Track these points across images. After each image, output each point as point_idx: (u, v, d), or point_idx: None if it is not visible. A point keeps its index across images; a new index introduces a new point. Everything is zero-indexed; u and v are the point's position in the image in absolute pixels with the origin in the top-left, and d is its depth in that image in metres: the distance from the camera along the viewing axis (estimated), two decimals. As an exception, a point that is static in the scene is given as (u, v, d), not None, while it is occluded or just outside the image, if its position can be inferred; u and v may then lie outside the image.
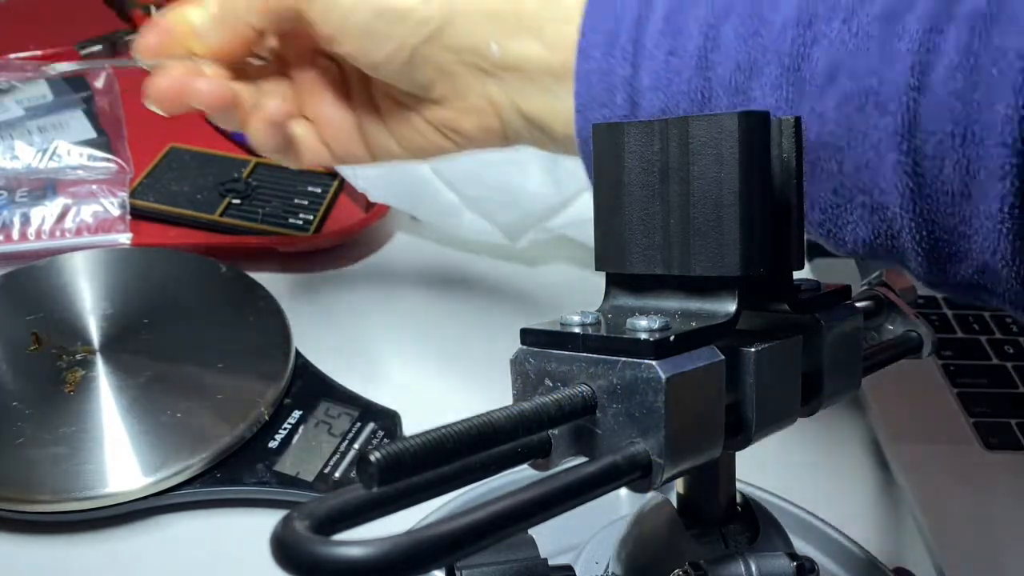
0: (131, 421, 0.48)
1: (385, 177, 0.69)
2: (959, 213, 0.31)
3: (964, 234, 0.31)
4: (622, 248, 0.28)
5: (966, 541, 0.48)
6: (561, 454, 0.25)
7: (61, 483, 0.45)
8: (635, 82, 0.35)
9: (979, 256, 0.31)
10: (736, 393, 0.27)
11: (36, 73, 0.78)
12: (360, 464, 0.19)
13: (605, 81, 0.36)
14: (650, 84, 0.35)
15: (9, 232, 0.63)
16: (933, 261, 0.33)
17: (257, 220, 0.67)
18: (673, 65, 0.35)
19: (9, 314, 0.55)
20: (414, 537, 0.17)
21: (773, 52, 0.33)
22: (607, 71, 0.36)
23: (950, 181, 0.30)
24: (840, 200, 0.34)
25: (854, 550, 0.43)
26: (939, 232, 0.32)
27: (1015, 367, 0.59)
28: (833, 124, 0.33)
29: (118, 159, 0.70)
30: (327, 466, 0.48)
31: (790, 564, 0.28)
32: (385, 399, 0.53)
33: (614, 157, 0.28)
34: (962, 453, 0.53)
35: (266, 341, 0.54)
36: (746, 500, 0.32)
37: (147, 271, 0.59)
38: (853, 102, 0.32)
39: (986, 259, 0.31)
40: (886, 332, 0.37)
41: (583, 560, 0.36)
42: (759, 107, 0.33)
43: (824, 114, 0.33)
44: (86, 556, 0.45)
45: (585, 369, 0.25)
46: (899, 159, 0.31)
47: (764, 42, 0.33)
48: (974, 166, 0.29)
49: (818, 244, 0.37)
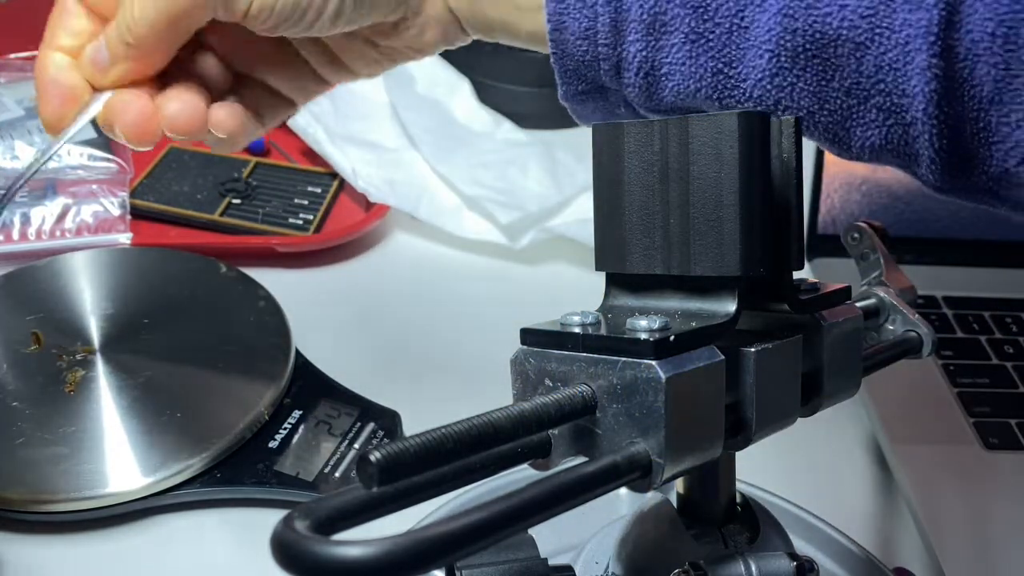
0: (131, 421, 0.48)
1: (385, 177, 0.70)
2: (985, 119, 0.29)
3: (987, 141, 0.29)
4: (622, 248, 0.28)
5: (966, 541, 0.48)
6: (561, 454, 0.25)
7: (61, 483, 0.45)
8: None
9: (1000, 163, 0.29)
10: (736, 393, 0.27)
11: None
12: (360, 464, 0.19)
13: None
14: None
15: (9, 232, 0.63)
16: (948, 168, 0.31)
17: (257, 220, 0.67)
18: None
19: (9, 314, 0.55)
20: (414, 537, 0.17)
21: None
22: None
23: (981, 84, 0.28)
24: (853, 102, 0.31)
25: (854, 550, 0.43)
26: (961, 139, 0.30)
27: (1015, 367, 0.59)
28: (856, 16, 0.30)
29: (118, 159, 0.70)
30: (327, 466, 0.48)
31: (790, 564, 0.28)
32: (385, 399, 0.53)
33: (614, 157, 0.28)
34: (962, 453, 0.53)
35: (266, 341, 0.54)
36: (746, 500, 0.32)
37: (147, 271, 0.59)
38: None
39: (1008, 166, 0.29)
40: (886, 332, 0.37)
41: (583, 560, 0.36)
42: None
43: (846, 4, 0.30)
44: (86, 556, 0.45)
45: (585, 369, 0.25)
46: (929, 60, 0.29)
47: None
48: (1013, 70, 0.28)
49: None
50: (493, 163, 0.72)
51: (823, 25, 0.30)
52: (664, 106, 0.33)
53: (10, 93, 0.75)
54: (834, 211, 0.67)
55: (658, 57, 0.32)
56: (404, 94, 0.77)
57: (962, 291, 0.65)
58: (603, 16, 0.32)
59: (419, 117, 0.75)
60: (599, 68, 0.33)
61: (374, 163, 0.70)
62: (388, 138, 0.75)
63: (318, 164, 0.74)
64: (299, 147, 0.75)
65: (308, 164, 0.74)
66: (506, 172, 0.71)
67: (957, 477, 0.52)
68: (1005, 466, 0.52)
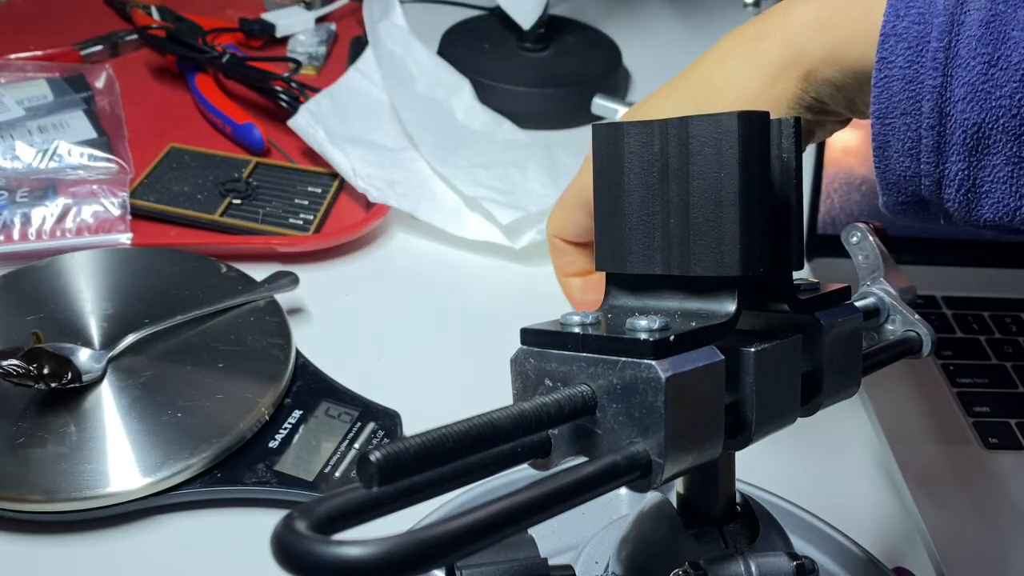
0: (131, 421, 0.48)
1: (385, 177, 0.70)
2: None
3: None
4: (622, 248, 0.28)
5: (966, 541, 0.48)
6: (561, 454, 0.25)
7: (61, 483, 0.45)
8: (946, 93, 0.33)
9: None
10: (736, 393, 0.27)
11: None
12: (360, 464, 0.19)
13: (909, 90, 0.34)
14: (964, 96, 0.33)
15: (9, 232, 0.63)
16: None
17: (257, 220, 0.67)
18: (995, 77, 0.32)
19: (9, 314, 0.55)
20: (414, 537, 0.17)
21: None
22: (912, 79, 0.34)
23: None
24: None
25: (854, 550, 0.43)
26: None
27: (1015, 367, 0.59)
28: None
29: (118, 159, 0.70)
30: (327, 466, 0.48)
31: (790, 564, 0.28)
32: (385, 399, 0.53)
33: (614, 157, 0.28)
34: (962, 453, 0.53)
35: (266, 341, 0.54)
36: (746, 500, 0.32)
37: (147, 271, 0.59)
38: None
39: None
40: (886, 332, 0.37)
41: (583, 560, 0.36)
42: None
43: None
44: (86, 556, 0.45)
45: (585, 369, 0.25)
46: None
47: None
48: None
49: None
50: (493, 163, 0.72)
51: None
52: (983, 222, 0.34)
53: (10, 93, 0.75)
54: (834, 211, 0.67)
55: (979, 176, 0.33)
56: (404, 94, 0.77)
57: (962, 291, 0.65)
58: (927, 139, 0.34)
59: (419, 117, 0.75)
60: (920, 183, 0.34)
61: (374, 163, 0.70)
62: (388, 138, 0.75)
63: (318, 164, 0.74)
64: (299, 147, 0.75)
65: (308, 164, 0.74)
66: (506, 172, 0.71)
67: (957, 477, 0.52)
68: (1005, 466, 0.53)
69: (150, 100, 0.82)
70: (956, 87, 0.33)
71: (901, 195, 0.36)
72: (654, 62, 0.94)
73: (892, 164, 0.35)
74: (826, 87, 0.37)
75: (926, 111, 0.33)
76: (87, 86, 0.78)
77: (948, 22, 0.33)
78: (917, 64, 0.33)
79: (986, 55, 0.32)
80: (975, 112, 0.33)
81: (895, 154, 0.34)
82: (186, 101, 0.82)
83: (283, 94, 0.78)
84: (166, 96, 0.83)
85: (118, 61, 0.88)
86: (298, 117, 0.73)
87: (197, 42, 0.83)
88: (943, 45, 0.33)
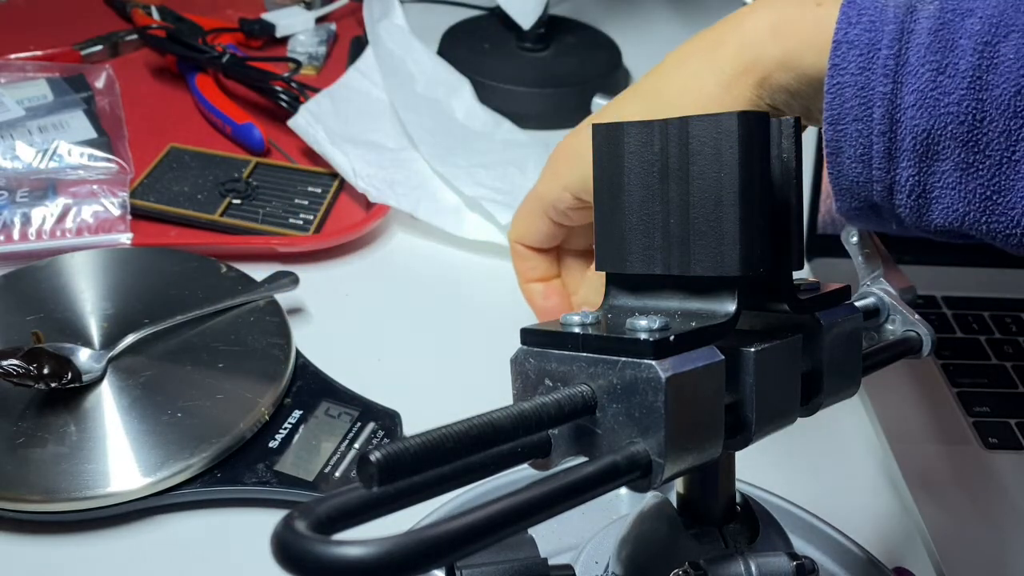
0: (131, 421, 0.48)
1: (385, 177, 0.70)
2: None
3: None
4: (622, 248, 0.28)
5: (966, 541, 0.48)
6: (561, 454, 0.25)
7: (61, 483, 0.45)
8: (896, 99, 0.34)
9: None
10: (736, 393, 0.27)
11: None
12: (360, 464, 0.19)
13: (861, 96, 0.34)
14: (914, 103, 0.33)
15: (9, 232, 0.63)
16: None
17: (257, 220, 0.67)
18: (943, 84, 0.33)
19: (9, 314, 0.55)
20: (414, 537, 0.17)
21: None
22: (864, 86, 0.34)
23: None
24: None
25: (854, 550, 0.43)
26: None
27: (1015, 367, 0.59)
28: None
29: (118, 159, 0.70)
30: (327, 466, 0.48)
31: (790, 564, 0.28)
32: (385, 399, 0.53)
33: (614, 157, 0.28)
34: (962, 453, 0.53)
35: (266, 341, 0.54)
36: (746, 500, 0.32)
37: (147, 271, 0.59)
38: None
39: None
40: (886, 332, 0.37)
41: (583, 560, 0.36)
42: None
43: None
44: (86, 556, 0.45)
45: (585, 369, 0.25)
46: None
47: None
48: None
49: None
50: (493, 163, 0.72)
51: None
52: (933, 227, 0.35)
53: (10, 93, 0.75)
54: (834, 211, 0.67)
55: (929, 181, 0.34)
56: (404, 94, 0.77)
57: (962, 291, 0.65)
58: (878, 145, 0.34)
59: (419, 117, 0.75)
60: (872, 189, 0.35)
61: (374, 163, 0.70)
62: (388, 138, 0.75)
63: (318, 164, 0.74)
64: (299, 147, 0.75)
65: (308, 164, 0.74)
66: (506, 172, 0.71)
67: (957, 477, 0.52)
68: (1005, 466, 0.53)
69: (150, 100, 0.82)
70: (906, 94, 0.33)
71: (854, 201, 0.36)
72: (654, 62, 0.93)
73: (844, 170, 0.35)
74: (781, 93, 0.37)
75: (877, 117, 0.34)
76: (87, 86, 0.78)
77: (898, 30, 0.33)
78: (868, 71, 0.34)
79: (934, 62, 0.33)
80: (924, 119, 0.33)
81: (847, 160, 0.35)
82: (186, 101, 0.82)
83: (283, 94, 0.78)
84: (166, 96, 0.83)
85: (118, 61, 0.88)
86: (298, 117, 0.73)
87: (197, 42, 0.83)
88: (893, 52, 0.33)
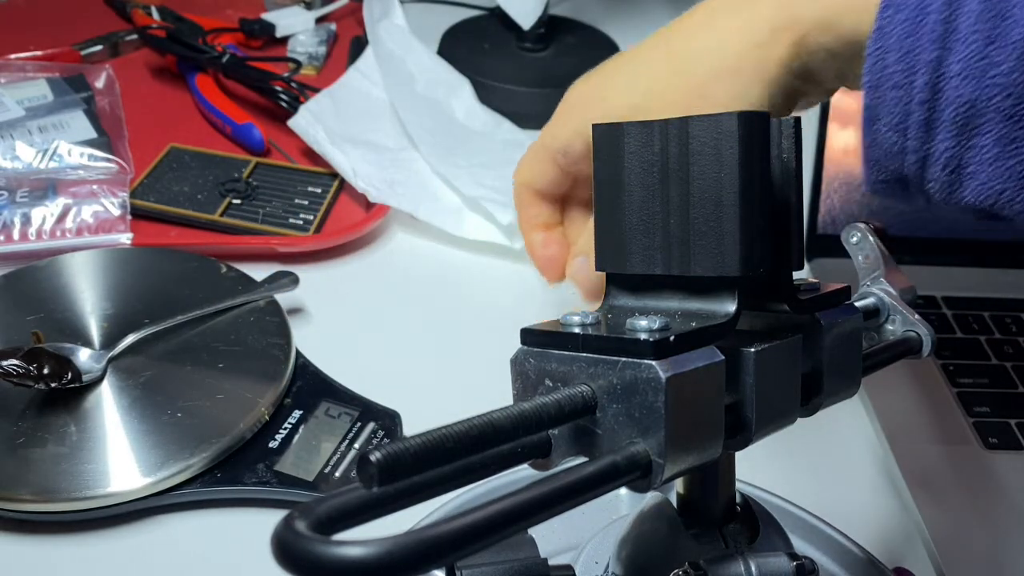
0: (131, 421, 0.48)
1: (385, 177, 0.70)
2: None
3: None
4: (622, 248, 0.28)
5: (966, 541, 0.48)
6: (561, 454, 0.25)
7: (61, 483, 0.45)
8: (941, 67, 0.32)
9: None
10: (736, 393, 0.27)
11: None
12: (360, 464, 0.19)
13: (904, 62, 0.33)
14: (959, 72, 0.32)
15: (9, 232, 0.63)
16: None
17: (257, 220, 0.67)
18: (991, 55, 0.32)
19: (9, 314, 0.55)
20: (414, 537, 0.17)
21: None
22: (908, 51, 0.33)
23: None
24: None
25: (854, 550, 0.43)
26: None
27: (1015, 367, 0.59)
28: None
29: (118, 159, 0.70)
30: (327, 466, 0.48)
31: (790, 564, 0.28)
32: (385, 399, 0.53)
33: (614, 157, 0.28)
34: (962, 453, 0.53)
35: (266, 341, 0.54)
36: (746, 500, 0.32)
37: (147, 271, 0.59)
38: None
39: None
40: (886, 332, 0.37)
41: (583, 560, 0.36)
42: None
43: None
44: (86, 556, 0.45)
45: (585, 369, 0.25)
46: None
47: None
48: None
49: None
50: (493, 163, 0.72)
51: None
52: (964, 204, 0.34)
53: (10, 93, 0.75)
54: (834, 211, 0.67)
55: (966, 156, 0.33)
56: (404, 94, 0.77)
57: (962, 291, 0.65)
58: (916, 114, 0.33)
59: (419, 117, 0.75)
60: (904, 160, 0.34)
61: (374, 163, 0.70)
62: (388, 138, 0.75)
63: (318, 164, 0.74)
64: (299, 147, 0.75)
65: (308, 164, 0.74)
66: (506, 172, 0.71)
67: (957, 477, 0.52)
68: (1005, 466, 0.53)
69: (150, 100, 0.82)
70: (952, 62, 0.32)
71: (883, 173, 0.35)
72: (654, 62, 0.94)
73: (879, 139, 0.34)
74: (819, 54, 0.36)
75: (919, 85, 0.33)
76: (87, 86, 0.78)
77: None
78: (914, 36, 0.33)
79: (985, 31, 0.31)
80: (969, 89, 0.32)
81: (883, 128, 0.34)
82: (186, 101, 0.82)
83: (283, 94, 0.78)
84: (166, 96, 0.83)
85: (118, 61, 0.88)
86: (298, 117, 0.73)
87: (197, 42, 0.83)
88: (943, 18, 0.32)
